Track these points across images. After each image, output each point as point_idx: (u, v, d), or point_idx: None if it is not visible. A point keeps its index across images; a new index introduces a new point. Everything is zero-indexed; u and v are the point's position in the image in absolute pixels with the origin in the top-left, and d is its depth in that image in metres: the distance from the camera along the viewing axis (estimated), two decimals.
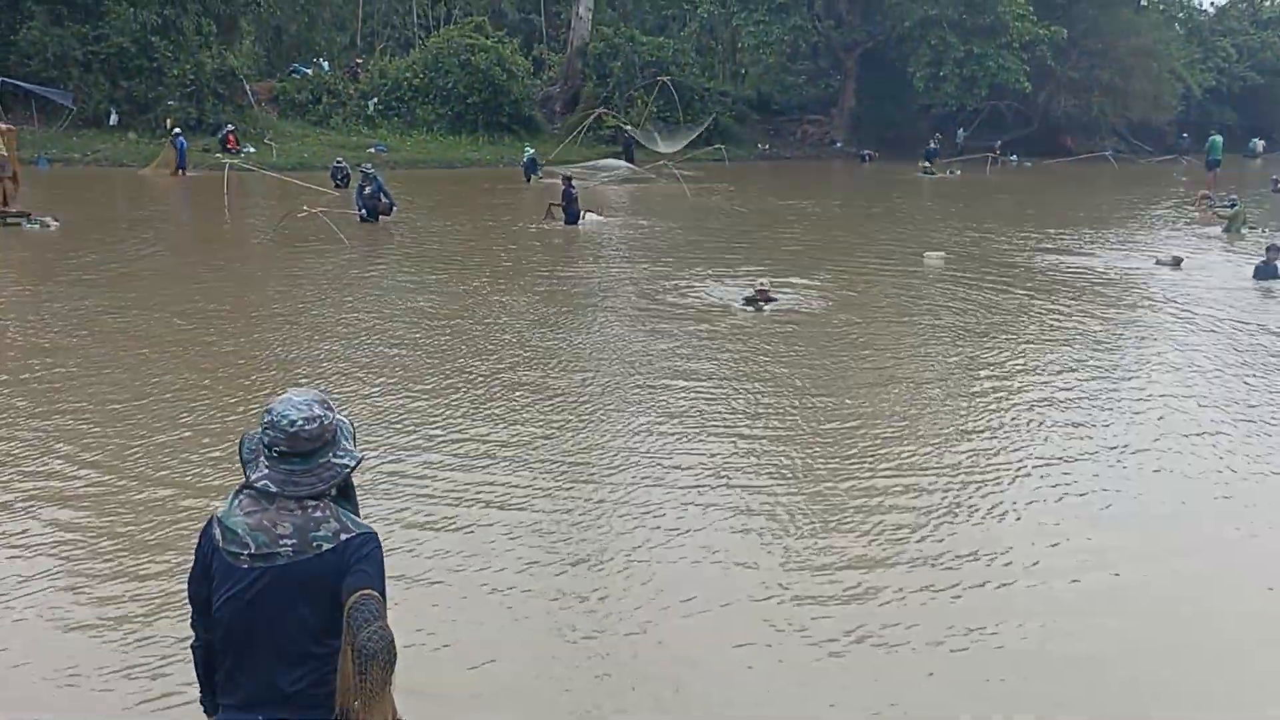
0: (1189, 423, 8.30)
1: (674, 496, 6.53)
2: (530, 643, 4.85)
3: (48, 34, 31.36)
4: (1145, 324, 12.37)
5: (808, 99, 49.62)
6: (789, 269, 15.32)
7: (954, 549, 5.86)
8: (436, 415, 8.08)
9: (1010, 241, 19.48)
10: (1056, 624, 5.10)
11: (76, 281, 13.23)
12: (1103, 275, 15.71)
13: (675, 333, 11.22)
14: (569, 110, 43.66)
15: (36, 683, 4.44)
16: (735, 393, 8.92)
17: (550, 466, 7.01)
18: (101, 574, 5.38)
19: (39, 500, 6.28)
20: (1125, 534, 6.18)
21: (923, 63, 44.25)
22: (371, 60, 42.84)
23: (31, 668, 4.54)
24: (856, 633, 4.97)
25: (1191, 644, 5.06)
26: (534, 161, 30.06)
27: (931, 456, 7.41)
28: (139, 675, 4.48)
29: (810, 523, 6.23)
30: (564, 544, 5.82)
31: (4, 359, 9.48)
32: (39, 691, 4.38)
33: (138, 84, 32.61)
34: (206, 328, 10.92)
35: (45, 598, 5.12)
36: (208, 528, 2.75)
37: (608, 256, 17.02)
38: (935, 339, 11.30)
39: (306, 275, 14.24)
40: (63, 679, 4.46)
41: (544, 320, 11.79)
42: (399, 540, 5.70)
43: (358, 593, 2.59)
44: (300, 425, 2.68)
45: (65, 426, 7.60)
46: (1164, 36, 52.49)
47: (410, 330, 11.09)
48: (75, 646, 4.71)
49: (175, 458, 7.00)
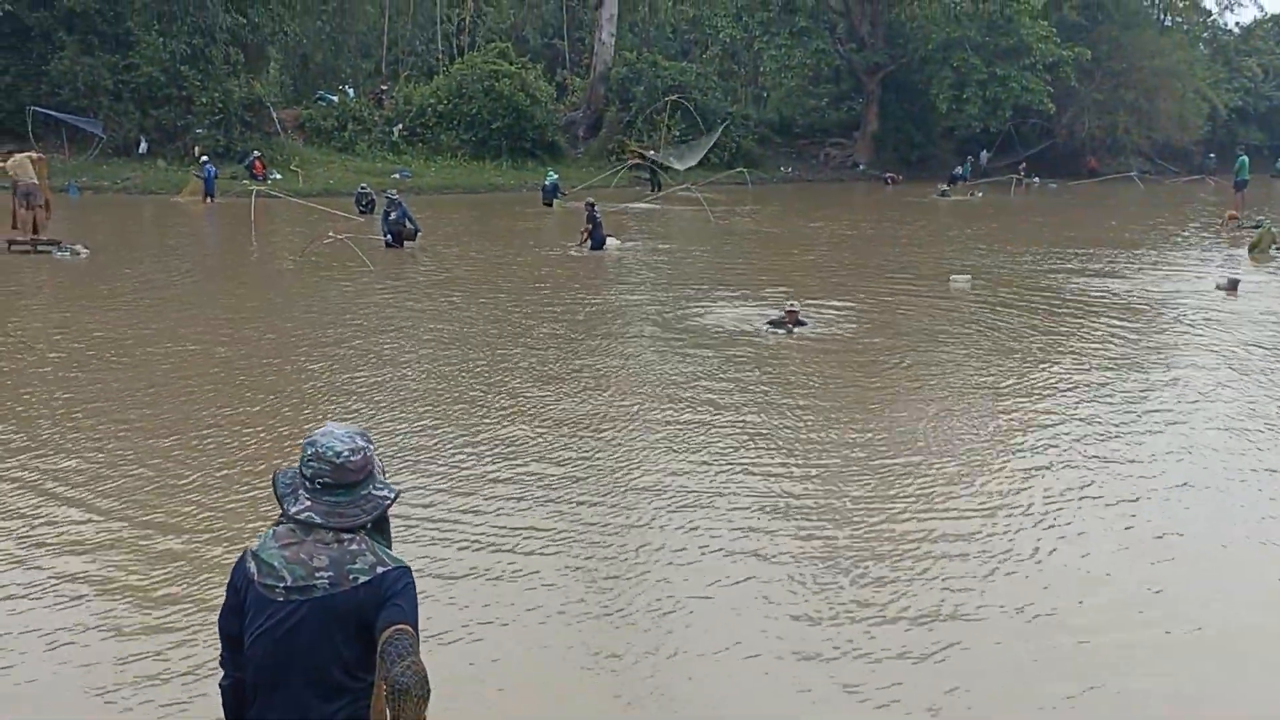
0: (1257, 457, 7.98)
1: (712, 534, 6.34)
2: (556, 681, 4.77)
3: (78, 64, 31.85)
4: (1211, 349, 11.99)
5: (830, 122, 49.74)
6: (816, 292, 15.25)
7: (1006, 603, 5.55)
8: (460, 448, 7.97)
9: (1037, 264, 19.33)
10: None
11: (106, 308, 13.33)
12: (1147, 298, 15.47)
13: (706, 359, 11.11)
14: (592, 135, 43.92)
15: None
16: (771, 426, 8.74)
17: (579, 507, 6.73)
18: (143, 614, 5.35)
19: (74, 542, 6.26)
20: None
21: (945, 85, 44.27)
22: (396, 87, 43.27)
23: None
24: (916, 697, 4.66)
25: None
26: (555, 186, 30.13)
27: (993, 499, 7.00)
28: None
29: (861, 571, 5.85)
30: (593, 592, 5.61)
31: (36, 386, 9.51)
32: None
33: (167, 112, 33.06)
34: (237, 355, 10.94)
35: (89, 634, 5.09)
36: (241, 562, 2.76)
37: (633, 280, 17.00)
38: (974, 364, 11.18)
39: (332, 301, 14.29)
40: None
41: (571, 346, 11.75)
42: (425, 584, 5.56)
43: (392, 627, 2.60)
44: (346, 457, 2.71)
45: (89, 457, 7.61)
46: (1189, 57, 52.35)
47: (434, 359, 11.07)
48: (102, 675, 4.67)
49: (206, 482, 6.99)
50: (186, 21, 33.32)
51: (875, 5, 46.99)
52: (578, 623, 5.27)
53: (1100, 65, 47.62)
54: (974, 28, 44.93)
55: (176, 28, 33.22)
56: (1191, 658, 5.12)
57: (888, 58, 46.61)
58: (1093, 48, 46.44)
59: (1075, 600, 5.58)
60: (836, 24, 47.40)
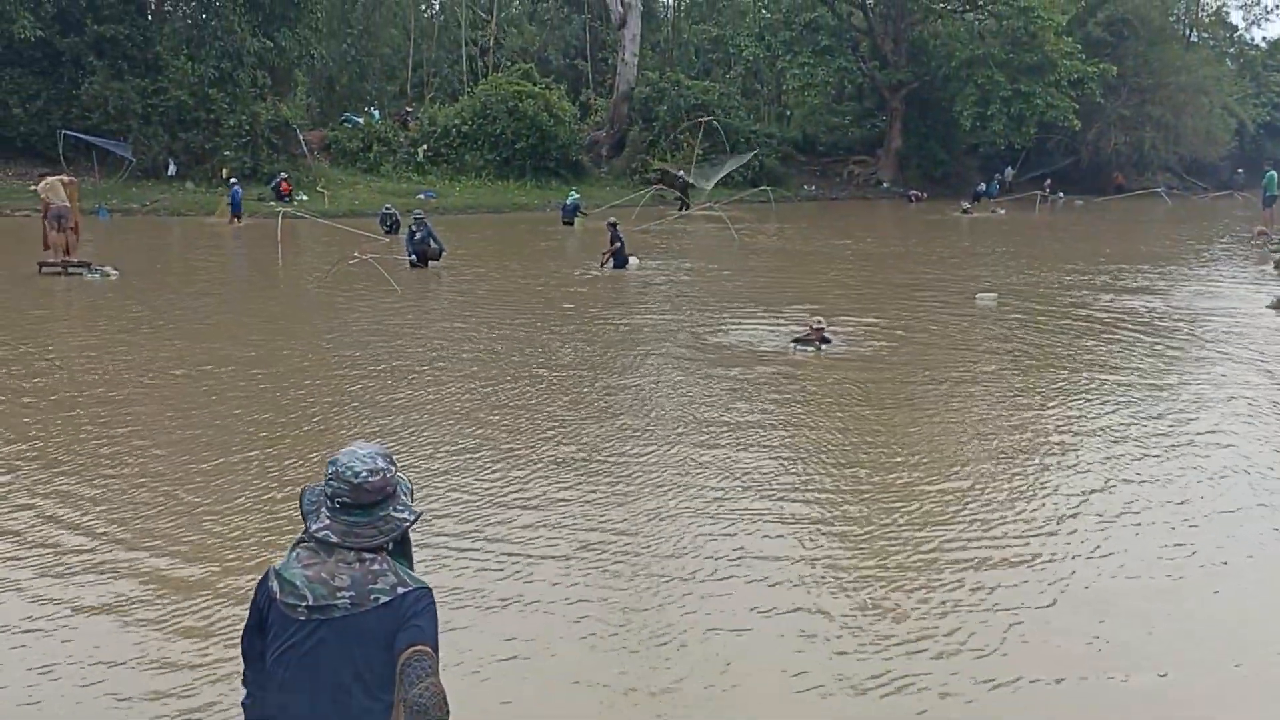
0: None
1: (752, 562, 6.21)
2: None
3: (108, 88, 32.26)
4: (1259, 366, 11.78)
5: (853, 140, 49.67)
6: (841, 309, 15.16)
7: (1071, 631, 5.40)
8: (484, 477, 7.91)
9: (1061, 281, 19.18)
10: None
11: (137, 330, 13.41)
12: (1184, 315, 15.29)
13: (734, 379, 11.04)
14: (615, 154, 44.05)
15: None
16: (808, 449, 8.61)
17: (609, 541, 6.52)
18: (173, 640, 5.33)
19: (114, 564, 6.26)
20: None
21: (969, 102, 44.14)
22: (421, 108, 43.58)
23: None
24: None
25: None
26: (576, 205, 30.06)
27: (1047, 525, 6.81)
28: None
29: (910, 616, 5.53)
30: (625, 630, 5.42)
31: (69, 409, 9.55)
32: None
33: (195, 135, 33.41)
34: (272, 375, 10.97)
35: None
36: (264, 580, 2.78)
37: (658, 300, 16.98)
38: (1010, 383, 11.06)
39: (358, 321, 14.33)
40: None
41: (595, 367, 11.71)
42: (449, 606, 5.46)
43: (412, 648, 2.62)
44: (365, 477, 2.72)
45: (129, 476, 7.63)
46: (1216, 72, 52.08)
47: (458, 378, 11.06)
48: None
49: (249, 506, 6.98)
50: (215, 46, 33.74)
51: (898, 23, 46.97)
52: (612, 654, 5.17)
53: (1126, 81, 47.38)
54: (998, 45, 44.81)
55: (205, 52, 33.63)
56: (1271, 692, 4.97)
57: (911, 75, 46.54)
58: (1119, 63, 46.21)
59: (1145, 631, 5.45)
60: (860, 42, 47.40)
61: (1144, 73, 48.47)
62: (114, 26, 32.46)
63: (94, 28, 32.22)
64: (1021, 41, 44.12)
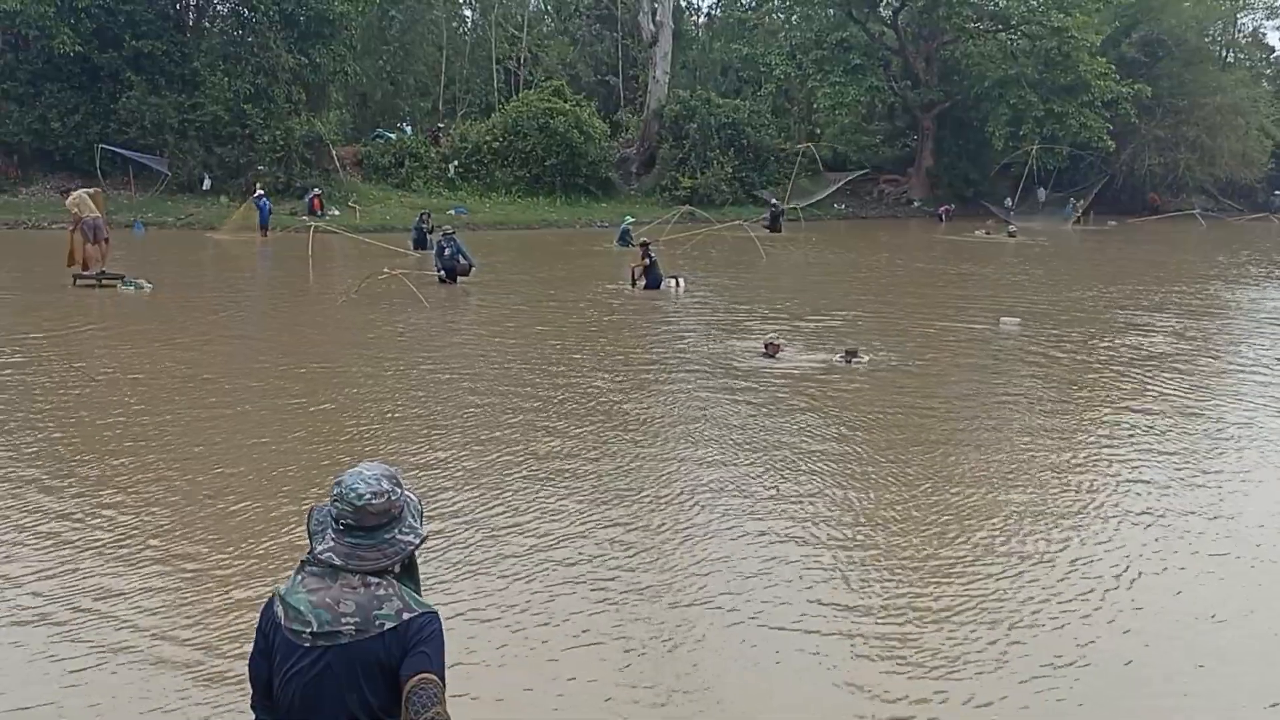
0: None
1: (799, 583, 6.15)
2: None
3: (145, 103, 32.73)
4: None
5: (884, 159, 49.52)
6: (867, 325, 15.04)
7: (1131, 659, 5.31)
8: (510, 504, 7.86)
9: (1094, 304, 18.95)
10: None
11: (172, 344, 13.47)
12: (1220, 339, 15.11)
13: (768, 395, 10.98)
14: (645, 171, 44.15)
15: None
16: (849, 468, 8.54)
17: (649, 574, 6.34)
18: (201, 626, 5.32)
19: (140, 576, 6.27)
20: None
21: (1001, 122, 43.96)
22: (453, 124, 43.89)
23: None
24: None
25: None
26: (627, 231, 28.78)
27: (1097, 551, 6.67)
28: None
29: (949, 652, 5.35)
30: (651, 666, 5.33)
31: (101, 419, 9.60)
32: None
33: (230, 150, 33.84)
34: (305, 392, 11.00)
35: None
36: (270, 605, 2.74)
37: (690, 317, 16.91)
38: (1045, 404, 10.91)
39: (387, 336, 14.37)
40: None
41: (627, 387, 11.65)
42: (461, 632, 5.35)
43: (418, 675, 2.59)
44: (368, 500, 2.67)
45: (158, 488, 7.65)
46: (1252, 93, 51.59)
47: (487, 396, 11.03)
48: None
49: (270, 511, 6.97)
50: (251, 62, 34.19)
51: (930, 43, 46.88)
52: (637, 688, 5.09)
53: (1161, 102, 47.04)
54: (1030, 64, 44.63)
55: (241, 68, 34.09)
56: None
57: (943, 94, 46.40)
58: (1153, 84, 45.90)
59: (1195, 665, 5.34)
60: (891, 61, 47.33)
61: (1179, 93, 48.10)
62: (152, 42, 32.99)
63: (132, 43, 32.74)
64: (1055, 62, 43.91)
